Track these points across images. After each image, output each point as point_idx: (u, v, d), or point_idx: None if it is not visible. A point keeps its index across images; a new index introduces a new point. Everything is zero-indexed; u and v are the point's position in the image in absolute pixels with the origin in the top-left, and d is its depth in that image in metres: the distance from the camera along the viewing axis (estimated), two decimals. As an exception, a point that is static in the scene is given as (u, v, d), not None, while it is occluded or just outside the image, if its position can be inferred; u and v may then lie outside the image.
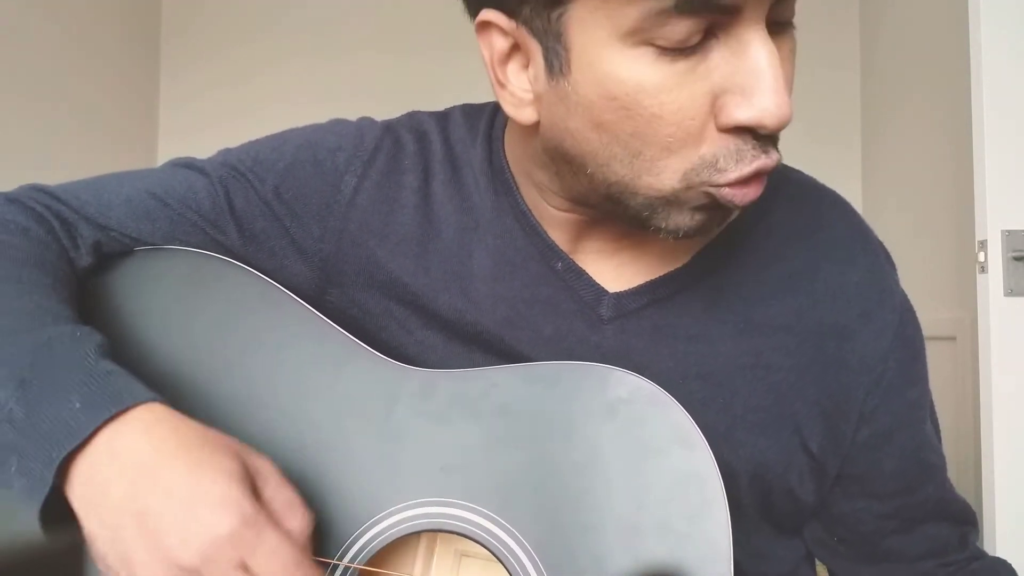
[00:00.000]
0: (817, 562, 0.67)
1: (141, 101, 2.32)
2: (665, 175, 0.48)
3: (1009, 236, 1.28)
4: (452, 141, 0.64)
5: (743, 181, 0.48)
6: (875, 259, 0.61)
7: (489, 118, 0.64)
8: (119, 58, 2.21)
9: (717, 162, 0.47)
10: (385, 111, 0.70)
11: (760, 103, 0.45)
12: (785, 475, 0.58)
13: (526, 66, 0.51)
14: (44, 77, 1.89)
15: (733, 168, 0.47)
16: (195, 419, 0.57)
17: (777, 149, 0.49)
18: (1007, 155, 1.29)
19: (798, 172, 0.64)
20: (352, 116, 0.68)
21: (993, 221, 1.29)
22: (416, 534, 0.54)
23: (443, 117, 0.66)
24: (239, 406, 0.57)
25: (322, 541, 0.54)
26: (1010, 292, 1.28)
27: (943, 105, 1.71)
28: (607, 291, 0.59)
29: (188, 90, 2.39)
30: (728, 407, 0.57)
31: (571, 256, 0.60)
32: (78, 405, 0.45)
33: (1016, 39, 1.29)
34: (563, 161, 0.53)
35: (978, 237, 1.31)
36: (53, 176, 0.68)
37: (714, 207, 0.50)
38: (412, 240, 0.61)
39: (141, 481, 0.44)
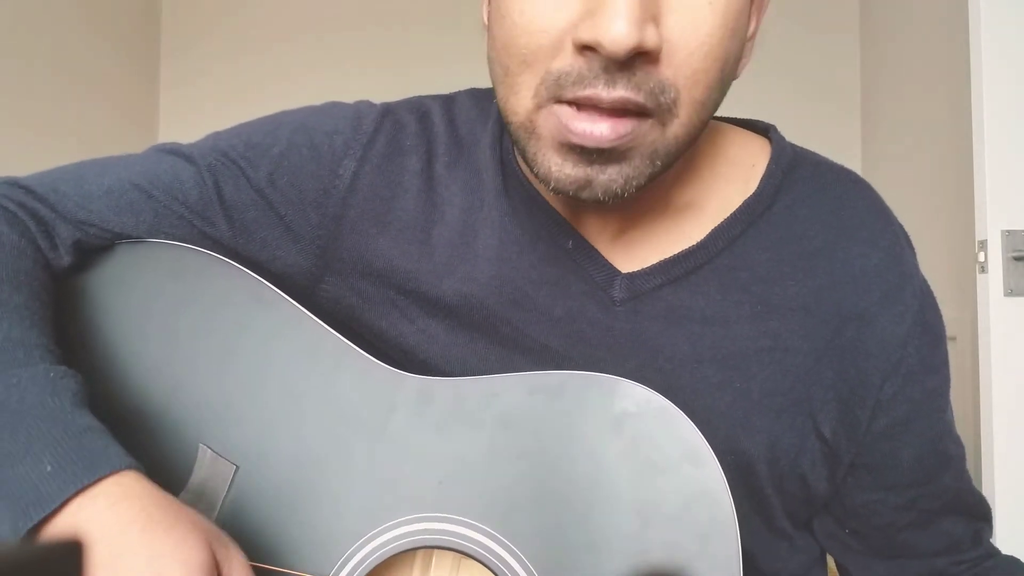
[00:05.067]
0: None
1: (141, 82, 2.31)
2: (522, 92, 0.49)
3: (1009, 236, 1.28)
4: (458, 122, 0.63)
5: (589, 109, 0.47)
6: (895, 241, 0.59)
7: None
8: (119, 40, 2.19)
9: (559, 78, 0.47)
10: (387, 92, 0.69)
11: (601, 23, 0.44)
12: (797, 461, 0.57)
13: None
14: (43, 61, 1.88)
15: (570, 88, 0.46)
16: (183, 428, 0.54)
17: (634, 92, 0.46)
18: (1007, 155, 1.29)
19: (816, 154, 0.63)
20: (354, 97, 0.66)
21: (993, 221, 1.29)
22: (413, 550, 0.53)
23: (448, 99, 0.65)
24: (226, 412, 0.55)
25: (316, 556, 0.52)
26: (1010, 292, 1.28)
27: (943, 105, 1.70)
28: (619, 271, 0.57)
29: (189, 71, 2.37)
30: (745, 392, 0.56)
31: (580, 232, 0.58)
32: (49, 468, 0.43)
33: (1016, 39, 1.29)
34: None
35: (978, 237, 1.31)
36: (51, 158, 0.66)
37: (576, 149, 0.48)
38: (415, 226, 0.60)
39: (103, 563, 0.42)
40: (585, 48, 0.45)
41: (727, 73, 0.49)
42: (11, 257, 0.53)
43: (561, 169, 0.49)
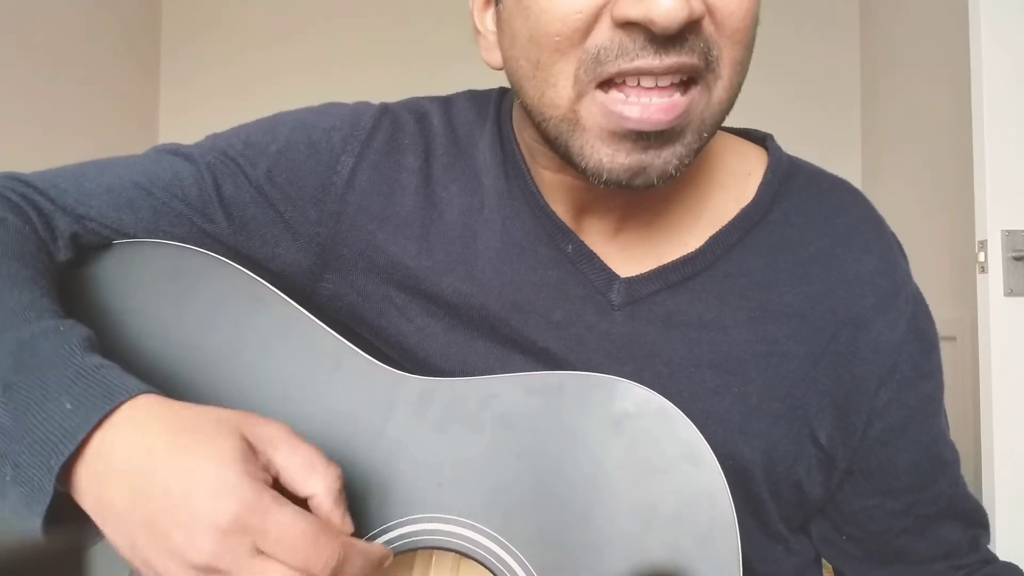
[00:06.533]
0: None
1: (142, 79, 2.31)
2: (560, 83, 0.48)
3: (1009, 236, 1.28)
4: (456, 123, 0.63)
5: (636, 91, 0.47)
6: (889, 249, 0.60)
7: (496, 103, 0.63)
8: (120, 38, 2.19)
9: (598, 54, 0.46)
10: (388, 91, 0.69)
11: None
12: (794, 467, 0.57)
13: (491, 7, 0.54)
14: (45, 59, 1.88)
15: (613, 62, 0.46)
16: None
17: (688, 56, 0.46)
18: (1007, 155, 1.29)
19: (811, 163, 0.63)
20: (354, 95, 0.66)
21: (993, 221, 1.29)
22: (412, 550, 0.53)
23: (445, 101, 0.65)
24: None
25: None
26: (1010, 292, 1.28)
27: (943, 105, 1.70)
28: (618, 276, 0.58)
29: (189, 69, 2.38)
30: (743, 396, 0.56)
31: (579, 237, 0.59)
32: (69, 406, 0.44)
33: (1016, 39, 1.29)
34: (521, 106, 0.54)
35: (978, 237, 1.31)
36: (52, 155, 0.66)
37: (624, 135, 0.48)
38: (414, 222, 0.60)
39: (139, 486, 0.42)
40: (627, 24, 0.45)
41: (755, 33, 0.50)
42: (17, 239, 0.54)
43: (613, 159, 0.49)
